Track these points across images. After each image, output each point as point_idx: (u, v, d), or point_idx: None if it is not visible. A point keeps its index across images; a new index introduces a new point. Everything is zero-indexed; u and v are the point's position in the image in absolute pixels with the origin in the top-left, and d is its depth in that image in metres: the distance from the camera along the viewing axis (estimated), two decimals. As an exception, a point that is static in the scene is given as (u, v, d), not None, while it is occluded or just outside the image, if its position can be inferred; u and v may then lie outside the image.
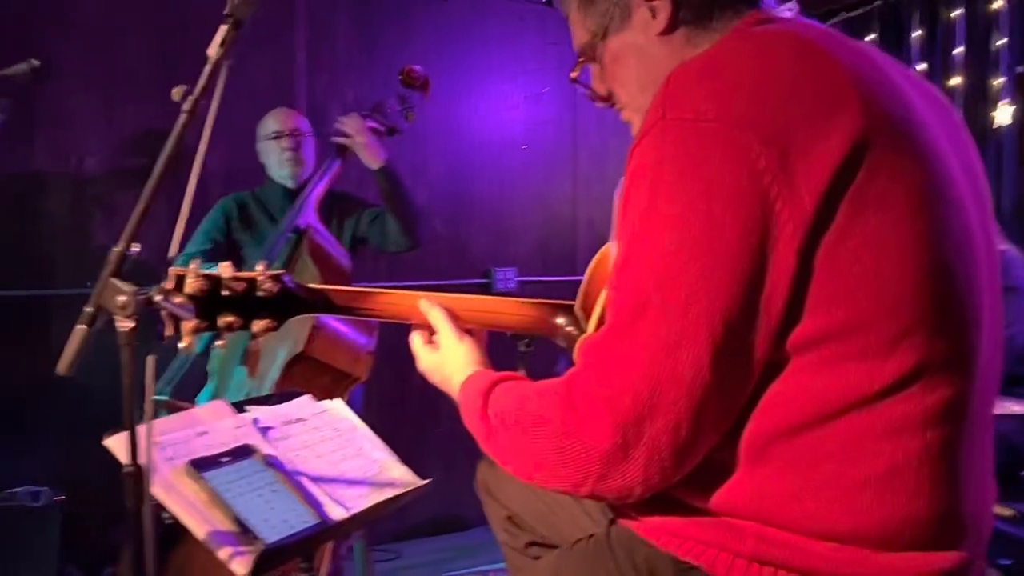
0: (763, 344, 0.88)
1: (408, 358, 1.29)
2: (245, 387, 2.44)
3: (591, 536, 1.11)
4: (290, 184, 2.79)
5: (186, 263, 2.64)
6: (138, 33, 3.16)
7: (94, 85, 3.12)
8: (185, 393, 2.48)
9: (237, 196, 2.85)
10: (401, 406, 3.61)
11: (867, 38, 3.98)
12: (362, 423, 1.75)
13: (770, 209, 0.85)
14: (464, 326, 1.24)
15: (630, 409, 0.87)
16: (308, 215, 2.64)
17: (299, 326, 2.36)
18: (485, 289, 3.81)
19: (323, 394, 2.11)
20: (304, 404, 1.76)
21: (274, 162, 2.82)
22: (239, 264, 2.63)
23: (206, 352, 2.59)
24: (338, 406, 1.79)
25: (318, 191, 2.70)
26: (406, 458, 1.64)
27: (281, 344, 2.41)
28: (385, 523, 3.43)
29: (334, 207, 2.82)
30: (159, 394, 2.43)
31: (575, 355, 0.97)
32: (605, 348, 0.91)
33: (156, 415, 2.27)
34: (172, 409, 2.39)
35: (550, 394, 0.95)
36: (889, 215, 0.89)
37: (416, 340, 1.25)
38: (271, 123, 2.84)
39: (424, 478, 1.56)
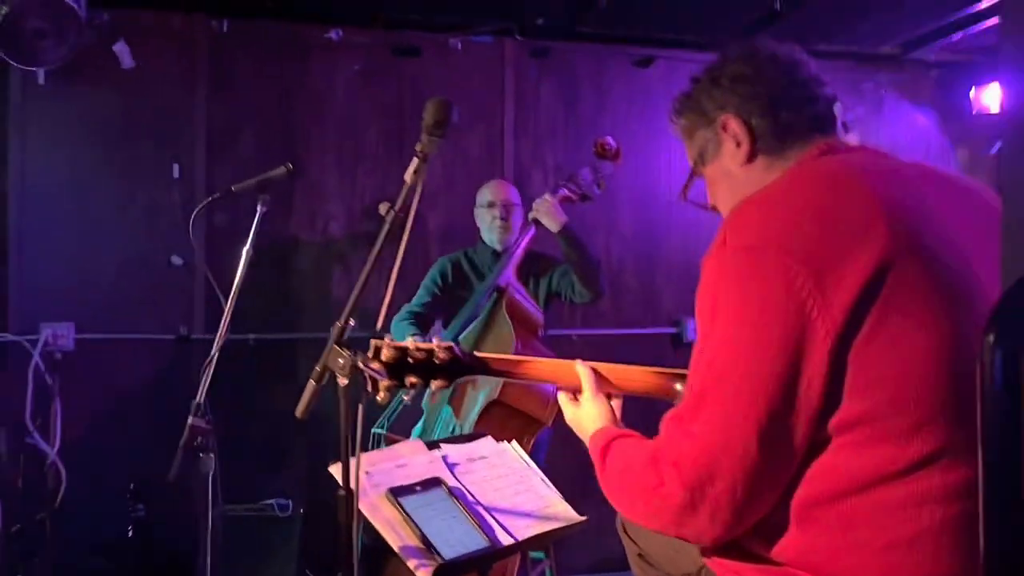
0: (806, 426, 1.08)
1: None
2: (450, 424, 2.82)
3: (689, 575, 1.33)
4: (498, 247, 3.19)
5: (410, 315, 3.06)
6: (373, 120, 3.74)
7: (339, 162, 3.73)
8: (401, 426, 2.92)
9: (452, 257, 3.29)
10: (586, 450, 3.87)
11: None
12: (533, 463, 2.05)
13: (807, 319, 1.06)
14: (606, 389, 1.49)
15: (694, 475, 1.10)
16: (508, 274, 3.01)
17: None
18: (676, 338, 4.01)
19: (514, 435, 2.41)
20: (487, 444, 2.08)
21: (486, 227, 3.24)
22: (452, 316, 3.05)
23: (420, 393, 3.01)
24: (515, 448, 2.10)
25: (518, 253, 3.07)
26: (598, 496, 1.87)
27: (482, 390, 2.77)
28: (578, 554, 3.70)
29: (532, 266, 3.18)
30: (378, 427, 2.88)
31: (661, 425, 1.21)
32: (678, 424, 1.15)
33: (377, 446, 2.71)
34: (388, 442, 2.83)
35: (643, 455, 1.19)
36: (910, 322, 1.06)
37: (562, 397, 1.52)
38: (487, 193, 3.26)
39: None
